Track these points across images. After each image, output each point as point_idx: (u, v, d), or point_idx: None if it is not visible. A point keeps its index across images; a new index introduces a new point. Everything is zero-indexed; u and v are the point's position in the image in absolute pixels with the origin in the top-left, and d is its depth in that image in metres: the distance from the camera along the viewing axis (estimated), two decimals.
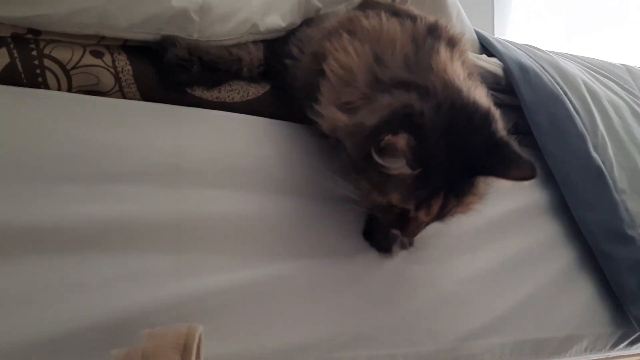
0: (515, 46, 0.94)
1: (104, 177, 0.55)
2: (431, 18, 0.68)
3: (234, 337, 0.55)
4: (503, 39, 0.95)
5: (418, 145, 0.50)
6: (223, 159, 0.62)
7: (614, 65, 1.09)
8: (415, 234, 0.59)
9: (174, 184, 0.58)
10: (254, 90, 0.69)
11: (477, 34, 0.91)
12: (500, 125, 0.57)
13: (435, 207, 0.55)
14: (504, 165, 0.54)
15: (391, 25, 0.63)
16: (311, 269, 0.62)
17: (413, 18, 0.66)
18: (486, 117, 0.56)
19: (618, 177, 0.84)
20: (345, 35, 0.62)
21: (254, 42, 0.69)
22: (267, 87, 0.70)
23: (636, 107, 0.96)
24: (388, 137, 0.50)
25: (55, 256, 0.52)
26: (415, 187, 0.53)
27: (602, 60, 1.10)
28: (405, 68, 0.58)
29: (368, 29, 0.63)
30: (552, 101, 0.84)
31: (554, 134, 0.83)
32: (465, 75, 0.61)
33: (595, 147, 0.84)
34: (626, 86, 1.02)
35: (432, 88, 0.55)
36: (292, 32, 0.71)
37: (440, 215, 0.57)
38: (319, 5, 0.75)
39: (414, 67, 0.58)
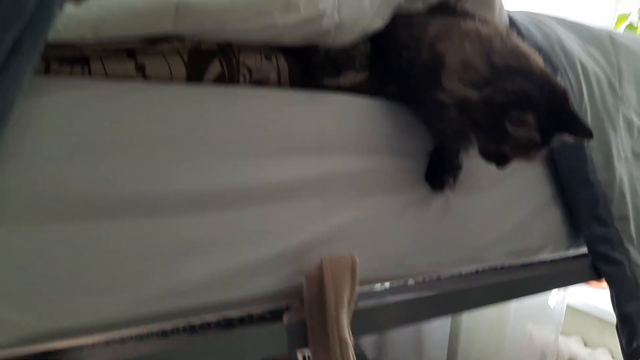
0: (534, 24, 1.21)
1: (276, 151, 0.84)
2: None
3: (360, 252, 0.89)
4: (523, 18, 1.21)
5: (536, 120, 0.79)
6: (346, 130, 0.91)
7: (600, 33, 1.37)
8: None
9: (319, 153, 0.88)
10: (360, 76, 0.96)
11: (510, 19, 1.17)
12: (572, 100, 0.85)
13: (532, 156, 0.85)
14: (577, 128, 0.84)
15: (481, 27, 0.91)
16: (399, 203, 0.96)
17: (484, 20, 0.95)
18: (565, 94, 0.85)
19: None
20: (454, 38, 0.89)
21: (363, 40, 0.95)
22: (367, 73, 0.97)
23: (612, 79, 1.27)
24: (519, 114, 0.78)
25: (244, 209, 0.79)
26: (525, 145, 0.83)
27: (591, 28, 1.38)
28: (510, 56, 0.85)
29: (468, 30, 0.90)
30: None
31: None
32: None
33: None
34: (608, 56, 1.32)
35: (534, 73, 0.83)
36: (398, 29, 0.97)
37: (530, 159, 0.86)
38: (403, 4, 0.99)
39: (514, 55, 0.85)
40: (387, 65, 0.97)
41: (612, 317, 1.18)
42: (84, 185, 0.68)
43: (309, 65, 0.89)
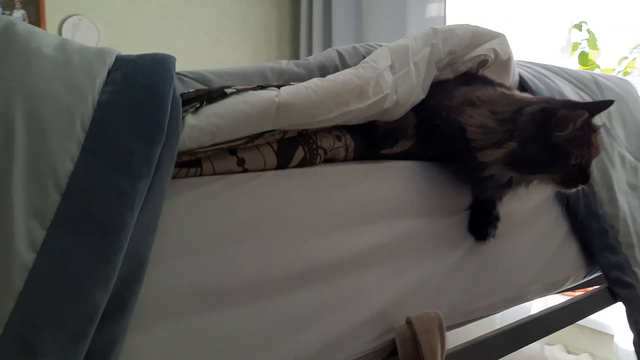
0: (537, 78, 1.35)
1: (355, 221, 0.92)
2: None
3: (432, 305, 0.98)
4: (528, 72, 1.35)
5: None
6: (406, 195, 1.00)
7: (585, 77, 1.53)
8: (589, 176, 0.97)
9: (388, 218, 0.97)
10: (407, 143, 1.06)
11: (520, 75, 1.30)
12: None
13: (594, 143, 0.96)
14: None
15: (489, 91, 1.03)
16: (454, 255, 1.05)
17: (496, 84, 1.07)
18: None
19: (597, 176, 1.32)
20: (467, 109, 1.01)
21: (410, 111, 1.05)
22: (413, 140, 1.07)
23: (605, 120, 1.43)
24: (554, 120, 0.91)
25: (338, 279, 0.87)
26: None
27: (577, 72, 1.54)
28: (509, 105, 0.98)
29: (479, 97, 1.02)
30: None
31: None
32: None
33: None
34: (597, 99, 1.48)
35: (529, 100, 0.97)
36: (431, 99, 1.07)
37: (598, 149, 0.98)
38: (437, 75, 1.10)
39: (512, 103, 0.99)
40: (428, 131, 1.07)
41: (591, 323, 1.31)
42: (210, 275, 0.75)
43: (373, 139, 0.98)
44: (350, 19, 3.27)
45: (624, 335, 2.26)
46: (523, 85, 1.30)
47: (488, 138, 0.96)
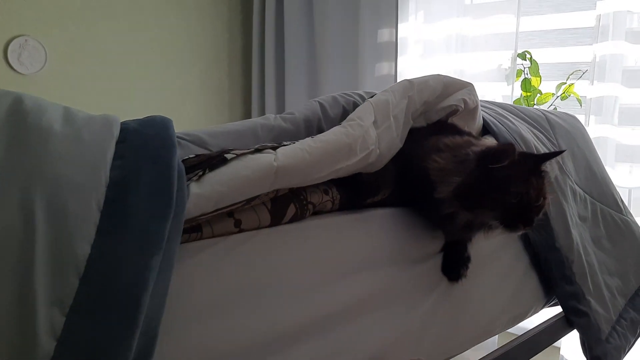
0: (498, 120, 1.43)
1: (346, 271, 0.96)
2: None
3: (414, 350, 1.03)
4: (489, 115, 1.43)
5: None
6: (389, 243, 1.05)
7: (538, 115, 1.64)
8: (531, 219, 1.00)
9: (368, 268, 1.01)
10: (388, 191, 1.11)
11: (483, 119, 1.38)
12: None
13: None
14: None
15: (456, 139, 1.10)
16: (430, 299, 1.11)
17: (464, 132, 1.14)
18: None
19: (552, 211, 1.41)
20: (433, 155, 1.07)
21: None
22: (393, 187, 1.12)
23: (557, 157, 1.53)
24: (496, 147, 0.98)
25: (335, 329, 0.91)
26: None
27: (529, 110, 1.64)
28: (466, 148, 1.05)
29: (446, 144, 1.08)
30: None
31: None
32: None
33: None
34: (548, 136, 1.58)
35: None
36: (404, 149, 1.13)
37: (539, 192, 1.02)
38: (412, 123, 1.16)
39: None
40: (403, 178, 1.12)
41: None
42: (219, 338, 0.77)
43: (358, 190, 1.02)
44: (302, 38, 3.32)
45: (570, 348, 2.40)
46: (487, 128, 1.38)
47: (443, 177, 1.02)
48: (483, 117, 1.37)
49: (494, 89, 2.93)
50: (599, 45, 2.42)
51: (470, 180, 0.99)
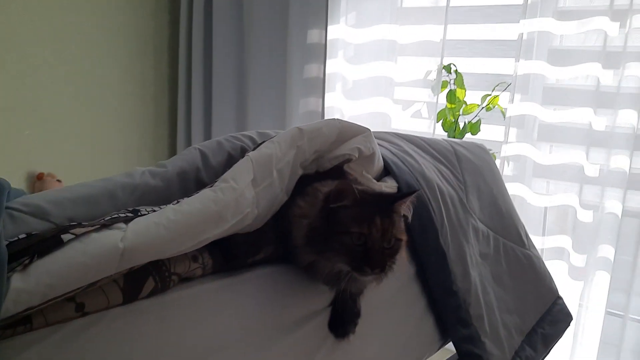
0: (400, 159, 1.39)
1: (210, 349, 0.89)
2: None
3: None
4: (392, 153, 1.39)
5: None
6: (270, 308, 0.99)
7: (445, 148, 1.61)
8: (380, 262, 0.95)
9: (245, 342, 0.95)
10: (270, 248, 1.04)
11: (384, 159, 1.33)
12: None
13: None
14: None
15: (325, 183, 1.04)
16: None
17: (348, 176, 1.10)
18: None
19: (451, 252, 1.39)
20: (297, 201, 1.02)
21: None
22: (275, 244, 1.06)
23: (461, 195, 1.51)
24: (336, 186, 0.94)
25: None
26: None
27: (437, 142, 1.61)
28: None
29: (314, 187, 1.03)
30: (422, 209, 1.33)
31: (421, 231, 1.33)
32: None
33: (443, 236, 1.37)
34: (454, 171, 1.55)
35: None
36: None
37: (386, 233, 0.96)
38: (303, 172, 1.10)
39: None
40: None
41: None
42: None
43: (235, 253, 0.95)
44: (231, 30, 3.19)
45: None
46: (388, 170, 1.34)
47: (299, 222, 0.98)
48: (384, 158, 1.33)
49: (421, 97, 2.92)
50: (522, 62, 2.43)
51: (317, 222, 0.95)
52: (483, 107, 2.88)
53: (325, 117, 2.95)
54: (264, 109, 3.11)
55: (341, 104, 2.99)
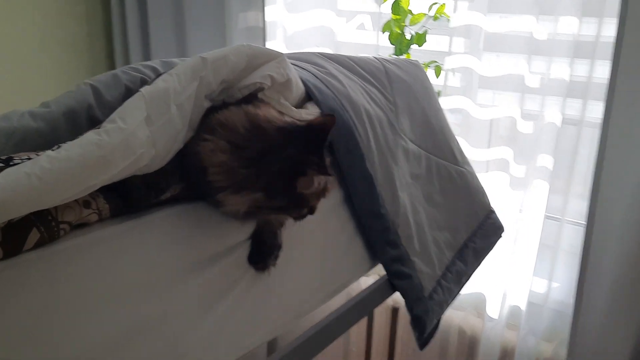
0: (324, 82, 1.33)
1: (107, 300, 0.86)
2: None
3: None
4: (313, 76, 1.33)
5: None
6: (178, 250, 0.96)
7: (376, 67, 1.54)
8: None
9: (150, 287, 0.92)
10: (177, 187, 1.00)
11: (304, 83, 1.27)
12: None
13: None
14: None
15: (232, 113, 0.99)
16: (226, 303, 1.05)
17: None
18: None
19: (379, 176, 1.38)
20: (207, 137, 0.97)
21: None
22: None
23: (391, 116, 1.47)
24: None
25: None
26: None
27: (367, 62, 1.54)
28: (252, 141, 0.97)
29: (221, 121, 0.98)
30: (347, 133, 1.30)
31: (346, 156, 1.30)
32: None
33: (369, 161, 1.35)
34: (385, 92, 1.50)
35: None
36: None
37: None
38: (210, 105, 1.04)
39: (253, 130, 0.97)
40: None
41: None
42: None
43: (134, 200, 0.91)
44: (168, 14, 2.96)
45: None
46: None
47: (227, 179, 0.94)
48: (305, 83, 1.27)
49: (365, 7, 2.81)
50: None
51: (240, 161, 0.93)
52: (430, 17, 2.78)
53: (267, 33, 2.82)
54: (201, 25, 2.94)
55: (282, 18, 2.85)
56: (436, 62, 2.55)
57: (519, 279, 2.23)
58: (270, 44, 2.79)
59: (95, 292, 0.84)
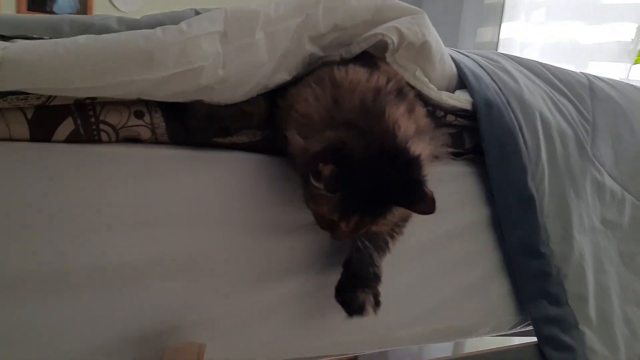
0: (488, 72, 1.08)
1: (142, 222, 0.76)
2: (404, 81, 0.86)
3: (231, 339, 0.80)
4: (477, 64, 1.09)
5: (341, 176, 0.69)
6: (229, 199, 0.82)
7: (579, 81, 1.22)
8: (340, 239, 0.78)
9: (191, 224, 0.79)
10: (260, 133, 0.87)
11: (458, 67, 1.04)
12: (421, 169, 0.75)
13: (353, 222, 0.74)
14: (412, 200, 0.74)
15: (356, 76, 0.80)
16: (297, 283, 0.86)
17: (389, 77, 0.84)
18: (411, 161, 0.75)
19: (547, 203, 1.04)
20: (312, 85, 0.80)
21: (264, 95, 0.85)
22: (269, 131, 0.87)
23: (583, 136, 1.12)
24: (320, 165, 0.69)
25: (104, 289, 0.72)
26: (337, 205, 0.73)
27: (569, 74, 1.22)
28: (358, 112, 0.76)
29: (335, 77, 0.80)
30: (506, 136, 1.01)
31: (501, 165, 1.01)
32: (412, 131, 0.79)
33: (534, 177, 1.03)
34: (582, 109, 1.17)
35: (370, 130, 0.73)
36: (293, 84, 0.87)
37: (358, 229, 0.76)
38: (321, 54, 0.89)
39: (366, 112, 0.76)
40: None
41: None
42: None
43: (189, 128, 0.80)
44: None
45: None
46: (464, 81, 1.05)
47: (302, 127, 0.78)
48: (458, 65, 1.04)
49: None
50: None
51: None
52: None
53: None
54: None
55: (519, 34, 2.56)
56: None
57: None
58: None
59: (122, 209, 0.74)
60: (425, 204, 0.73)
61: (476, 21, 2.71)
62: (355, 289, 0.82)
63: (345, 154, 0.70)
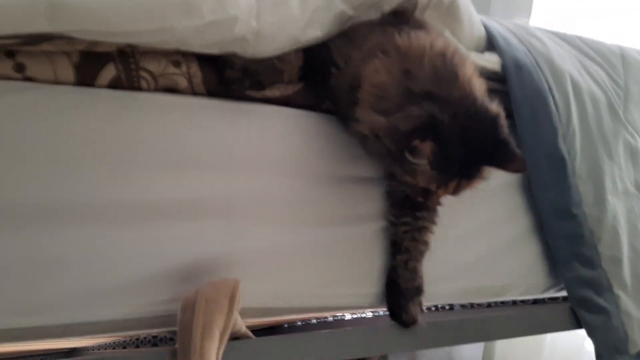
0: (518, 36, 1.08)
1: (175, 164, 0.78)
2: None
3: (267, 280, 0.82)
4: (507, 29, 1.09)
5: (439, 149, 0.72)
6: (263, 148, 0.84)
7: (610, 50, 1.21)
8: (435, 204, 0.83)
9: (227, 169, 0.81)
10: (292, 87, 0.89)
11: (486, 30, 1.05)
12: (504, 127, 0.77)
13: (451, 187, 0.77)
14: (504, 160, 0.76)
15: (419, 42, 0.81)
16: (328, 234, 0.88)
17: (431, 33, 0.85)
18: (494, 121, 0.76)
19: (579, 165, 1.03)
20: (379, 56, 0.80)
21: (295, 50, 0.87)
22: (301, 85, 0.89)
23: (615, 101, 1.12)
24: (417, 143, 0.71)
25: (130, 225, 0.74)
26: (436, 176, 0.75)
27: (600, 44, 1.22)
28: (432, 80, 0.76)
29: (400, 46, 0.80)
30: (536, 96, 1.01)
31: (531, 125, 1.01)
32: (483, 87, 0.80)
33: (565, 138, 1.02)
34: (614, 75, 1.16)
35: (451, 97, 0.74)
36: (332, 41, 0.89)
37: (455, 194, 0.79)
38: (351, 13, 0.91)
39: (441, 80, 0.76)
40: (321, 80, 0.88)
41: None
42: None
43: (223, 78, 0.83)
44: None
45: None
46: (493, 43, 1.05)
47: (377, 104, 0.77)
48: (487, 28, 1.05)
49: None
50: None
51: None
52: None
53: None
54: None
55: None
56: None
57: None
58: None
59: (161, 153, 0.77)
60: (517, 162, 0.76)
61: (505, 13, 2.68)
62: (408, 304, 0.88)
63: (438, 129, 0.71)
